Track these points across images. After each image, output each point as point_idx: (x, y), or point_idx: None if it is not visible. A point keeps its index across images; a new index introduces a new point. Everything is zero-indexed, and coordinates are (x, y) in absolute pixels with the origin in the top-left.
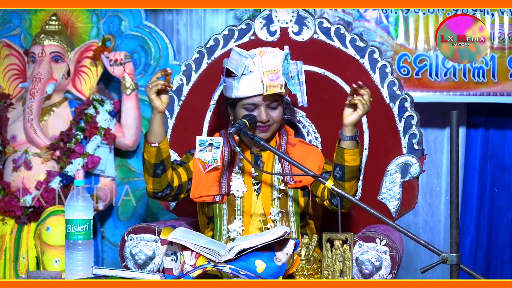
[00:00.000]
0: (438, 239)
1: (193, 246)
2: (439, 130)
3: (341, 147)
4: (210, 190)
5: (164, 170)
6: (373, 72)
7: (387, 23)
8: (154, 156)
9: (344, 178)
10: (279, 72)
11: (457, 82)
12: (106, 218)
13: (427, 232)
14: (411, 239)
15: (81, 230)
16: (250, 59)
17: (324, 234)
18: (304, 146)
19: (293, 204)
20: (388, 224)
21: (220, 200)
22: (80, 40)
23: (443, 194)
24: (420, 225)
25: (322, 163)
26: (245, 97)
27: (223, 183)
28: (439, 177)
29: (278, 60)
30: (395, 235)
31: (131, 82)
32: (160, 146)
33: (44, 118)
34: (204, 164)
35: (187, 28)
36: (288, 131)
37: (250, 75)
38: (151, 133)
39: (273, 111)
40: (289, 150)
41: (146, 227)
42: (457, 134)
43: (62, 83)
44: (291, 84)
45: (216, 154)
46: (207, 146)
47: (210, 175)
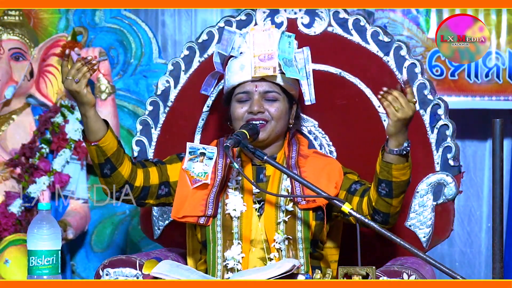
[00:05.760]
0: (478, 273)
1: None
2: (479, 143)
3: (387, 161)
4: (195, 210)
5: (114, 168)
6: (400, 73)
7: (417, 14)
8: (96, 155)
9: (392, 195)
10: (273, 53)
11: (501, 85)
12: (77, 248)
13: (464, 265)
14: (446, 274)
15: (46, 264)
16: (241, 37)
17: (340, 268)
18: (319, 158)
19: (302, 229)
20: (418, 256)
21: (205, 223)
22: (45, 34)
23: (484, 220)
24: (457, 257)
25: (341, 179)
26: (236, 86)
27: (210, 202)
28: (480, 199)
29: (274, 40)
30: (426, 270)
31: (107, 85)
32: (99, 144)
33: (1, 128)
34: (192, 179)
35: (175, 20)
36: (300, 141)
37: (241, 57)
38: (88, 132)
39: (270, 104)
40: (301, 164)
41: (125, 259)
42: (501, 147)
43: (23, 85)
44: (291, 70)
45: (208, 167)
46: (198, 155)
47: (197, 192)
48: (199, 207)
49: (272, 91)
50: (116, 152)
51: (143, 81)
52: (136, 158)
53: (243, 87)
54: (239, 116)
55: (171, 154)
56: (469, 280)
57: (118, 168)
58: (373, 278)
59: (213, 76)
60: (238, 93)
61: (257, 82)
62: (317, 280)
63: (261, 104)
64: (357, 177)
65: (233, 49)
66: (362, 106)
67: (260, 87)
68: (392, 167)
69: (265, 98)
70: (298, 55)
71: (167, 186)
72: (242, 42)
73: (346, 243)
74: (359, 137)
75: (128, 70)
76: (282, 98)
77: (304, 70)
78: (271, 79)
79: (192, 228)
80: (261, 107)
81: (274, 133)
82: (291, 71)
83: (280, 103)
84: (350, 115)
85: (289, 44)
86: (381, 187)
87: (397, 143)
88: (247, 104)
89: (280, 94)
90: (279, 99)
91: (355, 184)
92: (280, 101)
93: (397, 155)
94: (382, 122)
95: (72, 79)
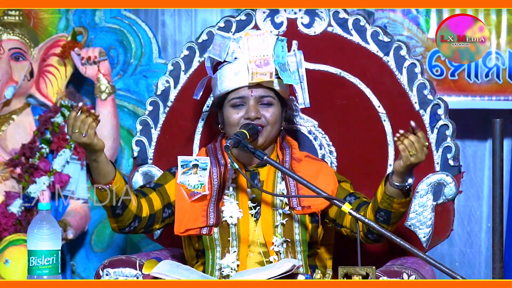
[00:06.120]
0: (478, 273)
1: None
2: (479, 143)
3: (389, 194)
4: (197, 222)
5: (125, 207)
6: (400, 73)
7: (417, 14)
8: (109, 199)
9: (389, 223)
10: (269, 58)
11: (501, 85)
12: (77, 249)
13: (464, 265)
14: (446, 274)
15: (46, 264)
16: (235, 42)
17: (340, 269)
18: (312, 162)
19: (300, 231)
20: (418, 256)
21: (208, 233)
22: (45, 34)
23: (484, 220)
24: (457, 257)
25: (336, 186)
26: (230, 91)
27: (211, 212)
28: (480, 199)
29: (268, 45)
30: (426, 269)
31: (107, 85)
32: (111, 187)
33: (1, 128)
34: (190, 192)
35: (175, 20)
36: (291, 144)
37: (235, 62)
38: (99, 176)
39: (265, 109)
40: (294, 167)
41: (125, 259)
42: (501, 147)
43: (23, 85)
44: (286, 75)
45: (203, 178)
46: (191, 168)
47: (196, 203)
48: (200, 218)
49: (267, 96)
50: (127, 190)
51: (143, 81)
52: (136, 158)
53: (237, 93)
54: (234, 122)
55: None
56: (469, 280)
57: (128, 205)
58: (373, 278)
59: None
60: (233, 98)
61: (253, 88)
62: (317, 280)
63: (257, 110)
64: (350, 186)
65: (226, 55)
66: (362, 106)
67: (256, 92)
68: (394, 201)
69: (260, 103)
70: (290, 59)
71: (169, 208)
72: (235, 47)
73: (342, 242)
74: (359, 137)
75: (128, 70)
76: (276, 103)
77: (297, 73)
78: (268, 84)
79: (187, 238)
80: (257, 113)
81: (269, 137)
82: (287, 77)
83: (275, 108)
84: (350, 115)
85: (282, 48)
86: (379, 214)
87: (401, 180)
88: (242, 110)
89: (274, 99)
90: (274, 104)
91: (350, 197)
92: (275, 106)
93: (399, 190)
94: (382, 122)
95: (79, 132)
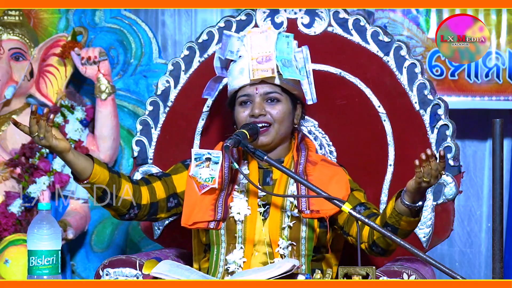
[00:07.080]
0: (478, 273)
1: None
2: (479, 143)
3: (398, 211)
4: (205, 215)
5: (115, 195)
6: (400, 73)
7: (417, 14)
8: (92, 191)
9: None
10: (271, 55)
11: (501, 85)
12: (77, 248)
13: (464, 265)
14: (446, 274)
15: (46, 264)
16: (239, 41)
17: (340, 268)
18: (327, 166)
19: (306, 236)
20: (418, 256)
21: (215, 227)
22: (45, 34)
23: (484, 219)
24: (457, 257)
25: (347, 193)
26: (238, 89)
27: (219, 206)
28: (480, 199)
29: (271, 41)
30: (426, 270)
31: (107, 85)
32: (90, 181)
33: (1, 128)
34: (200, 184)
35: (175, 20)
36: (309, 146)
37: (240, 60)
38: (76, 174)
39: (272, 106)
40: (309, 171)
41: (125, 259)
42: (501, 147)
43: (23, 85)
44: (289, 70)
45: (214, 172)
46: (204, 161)
47: (206, 197)
48: (208, 212)
49: (272, 92)
50: (110, 181)
51: (143, 81)
52: (136, 158)
53: (244, 91)
54: (242, 120)
55: (171, 153)
56: (469, 280)
57: (118, 194)
58: (373, 278)
59: (216, 81)
60: (240, 96)
61: (258, 85)
62: (317, 280)
63: (262, 107)
64: (364, 196)
65: (231, 53)
66: (362, 106)
67: (261, 89)
68: (402, 218)
69: (266, 100)
70: (298, 55)
71: (175, 198)
72: (240, 45)
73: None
74: (359, 137)
75: (128, 70)
76: (284, 99)
77: (304, 69)
78: (270, 80)
79: (196, 231)
80: (262, 110)
81: (278, 136)
82: (289, 72)
83: (283, 104)
84: (350, 115)
85: (288, 44)
86: (386, 228)
87: (412, 200)
88: (249, 108)
89: (281, 95)
90: (281, 100)
91: (360, 206)
92: (283, 102)
93: (408, 209)
94: (382, 122)
95: (37, 136)
